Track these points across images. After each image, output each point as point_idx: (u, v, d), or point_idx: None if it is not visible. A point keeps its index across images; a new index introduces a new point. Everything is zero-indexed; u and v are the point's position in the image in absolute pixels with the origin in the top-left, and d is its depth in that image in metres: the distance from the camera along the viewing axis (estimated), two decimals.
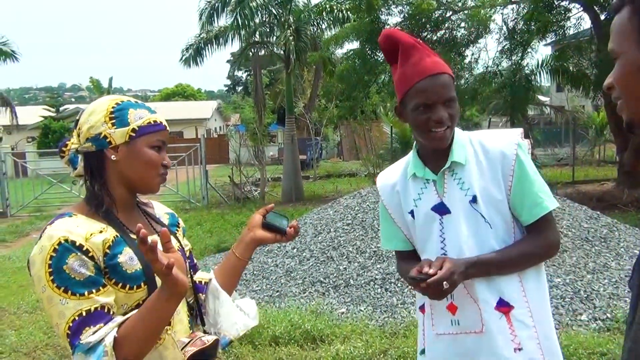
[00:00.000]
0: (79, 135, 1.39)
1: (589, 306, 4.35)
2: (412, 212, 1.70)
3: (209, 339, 1.37)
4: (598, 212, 6.19)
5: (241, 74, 52.35)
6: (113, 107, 1.38)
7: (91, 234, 1.30)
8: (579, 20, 11.45)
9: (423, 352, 1.73)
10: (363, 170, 17.56)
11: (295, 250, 5.89)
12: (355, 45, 12.73)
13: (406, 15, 11.49)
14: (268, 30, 14.45)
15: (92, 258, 1.28)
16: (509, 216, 1.63)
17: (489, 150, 1.64)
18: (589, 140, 20.95)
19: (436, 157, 1.66)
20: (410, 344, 3.92)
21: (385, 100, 19.70)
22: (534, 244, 1.62)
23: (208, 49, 14.64)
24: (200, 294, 1.55)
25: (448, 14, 11.70)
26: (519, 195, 1.61)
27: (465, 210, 1.61)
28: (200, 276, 1.59)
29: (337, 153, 29.25)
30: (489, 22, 11.00)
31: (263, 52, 16.72)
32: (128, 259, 1.32)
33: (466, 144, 1.66)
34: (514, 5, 11.44)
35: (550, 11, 10.48)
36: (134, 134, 1.37)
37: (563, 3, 10.64)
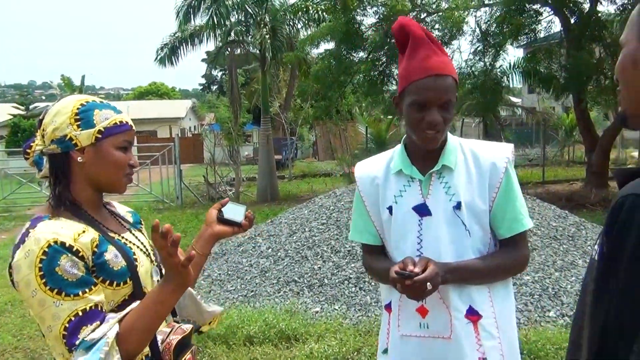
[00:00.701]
0: (43, 137, 1.38)
1: (556, 303, 4.47)
2: (390, 208, 1.68)
3: (187, 327, 1.44)
4: (566, 212, 6.34)
5: (216, 72, 52.04)
6: (78, 108, 1.37)
7: (79, 234, 1.30)
8: (550, 24, 11.71)
9: (385, 351, 1.72)
10: (338, 170, 17.63)
11: (270, 250, 5.90)
12: (330, 45, 12.79)
13: (381, 16, 11.59)
14: (244, 29, 14.38)
15: (82, 258, 1.28)
16: (487, 227, 1.63)
17: (480, 160, 1.63)
18: (559, 141, 21.41)
19: (426, 157, 1.65)
20: None
21: (360, 101, 19.82)
22: (509, 257, 1.64)
23: (183, 48, 14.52)
24: None
25: (422, 16, 11.82)
26: (501, 208, 1.62)
27: (447, 215, 1.60)
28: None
29: (312, 153, 29.27)
30: (462, 24, 11.15)
31: (239, 51, 16.64)
32: (113, 256, 1.34)
33: (457, 149, 1.66)
34: (487, 8, 11.64)
35: (522, 14, 10.69)
36: (100, 136, 1.37)
37: (534, 6, 10.84)
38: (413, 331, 1.64)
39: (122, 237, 1.44)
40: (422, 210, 1.63)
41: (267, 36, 13.60)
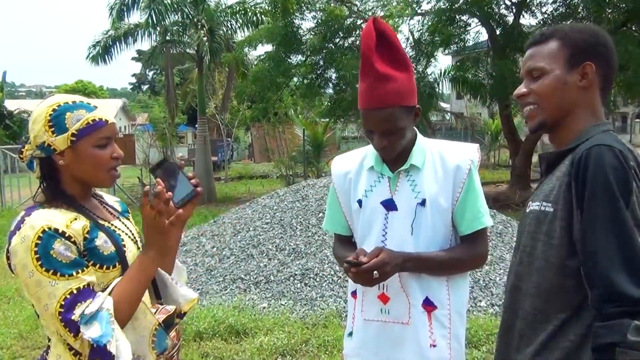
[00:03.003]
0: (30, 142, 1.46)
1: (487, 294, 4.84)
2: (359, 201, 1.82)
3: (170, 308, 1.54)
4: (494, 211, 6.80)
5: (147, 72, 50.72)
6: (50, 114, 1.41)
7: (71, 221, 1.40)
8: (477, 34, 12.39)
9: (351, 334, 1.88)
10: (275, 172, 17.72)
11: (214, 249, 5.97)
12: (268, 47, 12.91)
13: (319, 21, 11.85)
14: (181, 29, 14.23)
15: (74, 243, 1.38)
16: (449, 224, 1.76)
17: (446, 161, 1.76)
18: (485, 145, 22.51)
19: (396, 156, 1.77)
20: (330, 333, 4.17)
21: (297, 103, 20.03)
22: (467, 252, 1.77)
23: (117, 47, 14.16)
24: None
25: (359, 22, 12.19)
26: (463, 207, 1.75)
27: (412, 210, 1.73)
28: None
29: (248, 155, 29.20)
30: (397, 32, 11.59)
31: (175, 51, 16.41)
32: (103, 242, 1.45)
33: (426, 150, 1.79)
34: (420, 17, 12.16)
35: (452, 24, 11.27)
36: (74, 138, 1.42)
37: (464, 17, 11.45)
38: (375, 316, 1.79)
39: (112, 225, 1.54)
40: (389, 205, 1.76)
41: (205, 38, 13.55)
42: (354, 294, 1.88)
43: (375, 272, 1.60)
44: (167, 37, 14.60)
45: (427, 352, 1.73)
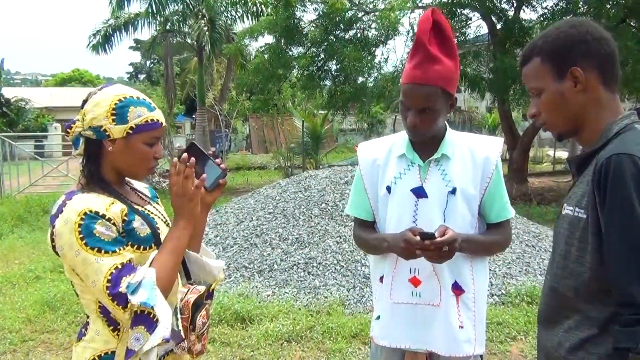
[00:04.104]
0: (83, 120, 1.53)
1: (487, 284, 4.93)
2: (388, 188, 1.88)
3: (201, 288, 1.66)
4: None
5: (144, 61, 50.47)
6: (116, 104, 1.50)
7: (110, 205, 1.47)
8: (478, 28, 12.44)
9: (379, 317, 1.95)
10: (273, 163, 17.77)
11: (218, 238, 6.04)
12: (269, 39, 12.95)
13: (321, 13, 11.87)
14: (181, 19, 14.23)
15: (114, 224, 1.46)
16: (475, 212, 1.86)
17: (475, 152, 1.86)
18: None
19: (426, 145, 1.86)
20: (333, 320, 4.26)
21: (295, 95, 20.08)
22: (500, 236, 1.91)
23: (117, 36, 14.16)
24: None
25: (360, 15, 12.23)
26: (492, 197, 1.86)
27: (442, 198, 1.82)
28: None
29: (245, 146, 29.23)
30: (397, 25, 11.63)
31: (175, 40, 16.41)
32: (140, 224, 1.53)
33: (455, 141, 1.88)
34: (421, 11, 12.18)
35: (453, 18, 11.31)
36: (131, 132, 1.51)
37: (465, 11, 11.50)
38: (405, 299, 1.86)
39: (145, 209, 1.62)
40: (419, 192, 1.83)
41: (205, 28, 13.56)
42: (381, 279, 1.94)
43: (445, 247, 1.67)
44: (167, 27, 14.58)
45: (456, 332, 1.83)
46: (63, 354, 3.98)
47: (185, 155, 1.49)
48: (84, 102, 1.55)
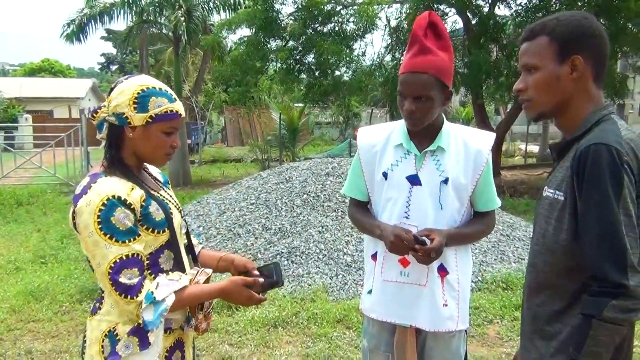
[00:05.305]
0: (108, 107, 1.62)
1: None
2: (385, 174, 2.01)
3: (208, 271, 1.77)
4: None
5: (116, 52, 49.65)
6: (138, 93, 1.60)
7: (131, 190, 1.57)
8: (454, 24, 12.64)
9: (370, 292, 2.08)
10: (250, 155, 17.78)
11: (200, 228, 6.10)
12: (247, 31, 12.93)
13: (299, 6, 11.92)
14: (158, 9, 14.08)
15: (133, 210, 1.56)
16: (465, 201, 1.99)
17: (468, 145, 1.99)
18: None
19: (423, 136, 1.98)
20: (318, 306, 4.38)
21: (272, 88, 20.04)
22: (486, 225, 2.06)
23: (91, 26, 13.96)
24: (192, 236, 1.91)
25: (338, 8, 12.31)
26: (482, 188, 2.00)
27: (435, 187, 1.94)
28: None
29: (221, 138, 29.08)
30: (375, 19, 11.76)
31: (150, 31, 16.23)
32: (155, 209, 1.63)
33: (450, 134, 2.00)
34: (398, 5, 12.35)
35: None
36: (150, 120, 1.61)
37: (441, 7, 11.67)
38: (394, 277, 2.00)
39: (160, 194, 1.71)
40: (414, 180, 1.96)
41: (182, 18, 13.46)
42: (374, 256, 2.09)
43: (433, 252, 1.84)
44: (144, 17, 14.42)
45: (440, 310, 1.98)
46: (51, 341, 4.02)
47: (259, 282, 1.72)
48: (111, 89, 1.65)
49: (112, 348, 1.57)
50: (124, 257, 1.52)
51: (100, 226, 1.50)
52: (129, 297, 1.52)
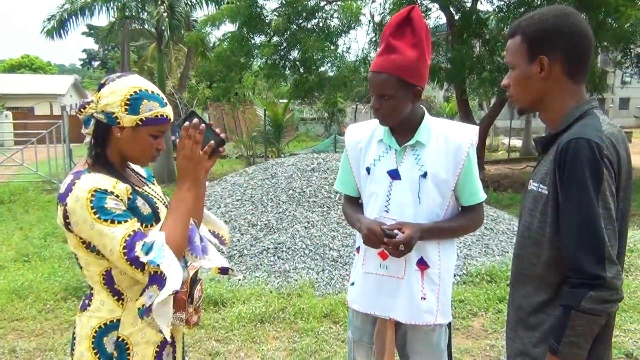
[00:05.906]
0: (97, 103, 1.61)
1: None
2: (368, 169, 2.05)
3: (197, 264, 1.72)
4: None
5: (97, 48, 49.08)
6: (131, 95, 1.59)
7: (116, 183, 1.57)
8: (437, 19, 12.71)
9: (353, 284, 2.15)
10: (235, 152, 17.72)
11: None
12: (230, 27, 12.86)
13: (283, 1, 11.89)
14: (140, 5, 13.94)
15: (121, 200, 1.55)
16: (447, 195, 1.99)
17: (449, 139, 1.98)
18: None
19: (404, 131, 2.01)
20: (304, 302, 4.40)
21: (256, 84, 20.00)
22: (469, 220, 2.06)
23: (72, 21, 13.77)
24: None
25: (322, 4, 12.30)
26: (463, 183, 1.99)
27: (414, 181, 1.96)
28: None
29: None
30: (359, 14, 11.77)
31: (132, 27, 16.07)
32: (142, 204, 1.63)
33: (431, 128, 2.01)
34: (382, 0, 12.37)
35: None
36: (140, 123, 1.60)
37: (424, 2, 11.73)
38: (374, 270, 2.04)
39: (145, 190, 1.71)
40: (394, 174, 1.99)
41: (165, 14, 13.34)
42: (358, 249, 2.14)
43: (401, 245, 1.87)
44: (126, 13, 14.27)
45: (418, 303, 2.00)
46: (35, 340, 3.98)
47: (196, 120, 1.57)
48: (101, 85, 1.63)
49: (101, 348, 1.57)
50: (132, 233, 1.51)
51: (97, 215, 1.50)
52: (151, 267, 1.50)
